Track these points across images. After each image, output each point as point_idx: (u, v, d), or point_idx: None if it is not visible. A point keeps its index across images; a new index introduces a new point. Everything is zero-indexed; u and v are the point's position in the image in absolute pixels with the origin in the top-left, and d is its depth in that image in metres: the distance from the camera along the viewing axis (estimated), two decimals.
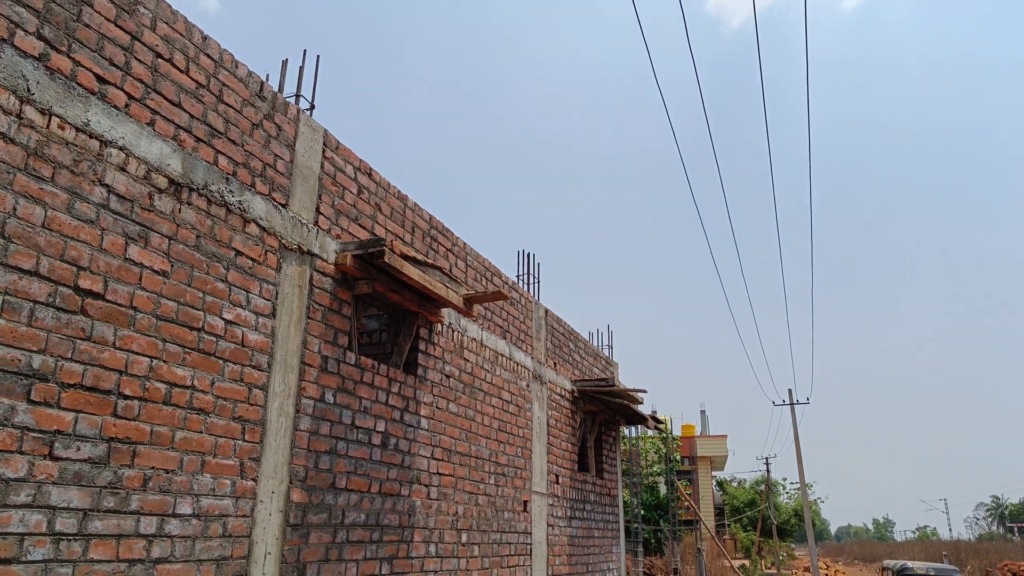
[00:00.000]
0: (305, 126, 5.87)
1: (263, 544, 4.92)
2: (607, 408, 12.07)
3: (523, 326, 9.74)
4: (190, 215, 4.65)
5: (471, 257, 8.43)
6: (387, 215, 6.85)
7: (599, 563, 11.66)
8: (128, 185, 4.25)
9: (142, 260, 4.29)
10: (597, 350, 13.08)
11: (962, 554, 42.56)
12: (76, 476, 3.78)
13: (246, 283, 5.03)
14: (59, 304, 3.79)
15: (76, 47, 4.03)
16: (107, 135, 4.15)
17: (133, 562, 4.02)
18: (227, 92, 5.09)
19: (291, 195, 5.59)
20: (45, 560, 3.59)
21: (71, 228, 3.90)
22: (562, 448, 10.58)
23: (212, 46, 5.00)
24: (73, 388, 3.82)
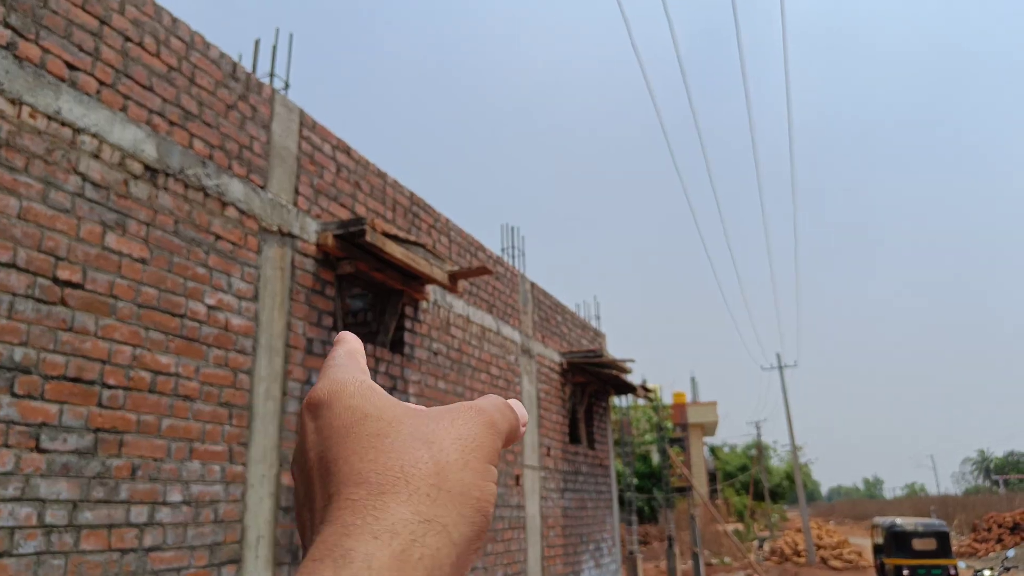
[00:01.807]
0: (280, 106, 5.81)
1: (255, 528, 4.93)
2: (596, 379, 12.12)
3: (509, 300, 9.74)
4: (167, 200, 4.60)
5: (454, 232, 8.40)
6: (367, 193, 6.81)
7: (593, 533, 11.77)
8: (103, 172, 4.20)
9: (120, 248, 4.24)
10: (585, 321, 13.11)
11: (949, 508, 43.24)
12: (64, 468, 3.76)
13: (227, 267, 5.00)
14: (39, 296, 3.76)
15: (44, 34, 3.95)
16: (79, 122, 4.09)
17: (125, 551, 4.03)
18: (200, 74, 5.02)
19: (269, 176, 5.54)
20: (37, 552, 3.58)
21: (47, 218, 3.85)
22: (552, 421, 10.63)
23: (182, 28, 4.93)
24: (56, 380, 3.79)
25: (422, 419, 0.39)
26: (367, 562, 0.32)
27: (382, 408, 0.40)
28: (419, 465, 0.36)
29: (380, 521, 0.33)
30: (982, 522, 31.74)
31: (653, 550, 27.31)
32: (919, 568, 15.97)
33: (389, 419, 0.39)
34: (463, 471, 0.37)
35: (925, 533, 16.19)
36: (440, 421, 0.40)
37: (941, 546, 15.95)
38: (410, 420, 0.39)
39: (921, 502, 53.97)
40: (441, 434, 0.39)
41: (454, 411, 0.41)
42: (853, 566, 26.14)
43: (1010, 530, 29.47)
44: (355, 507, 0.34)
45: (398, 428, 0.38)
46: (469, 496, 0.37)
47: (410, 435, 0.38)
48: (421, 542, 0.33)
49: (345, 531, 0.33)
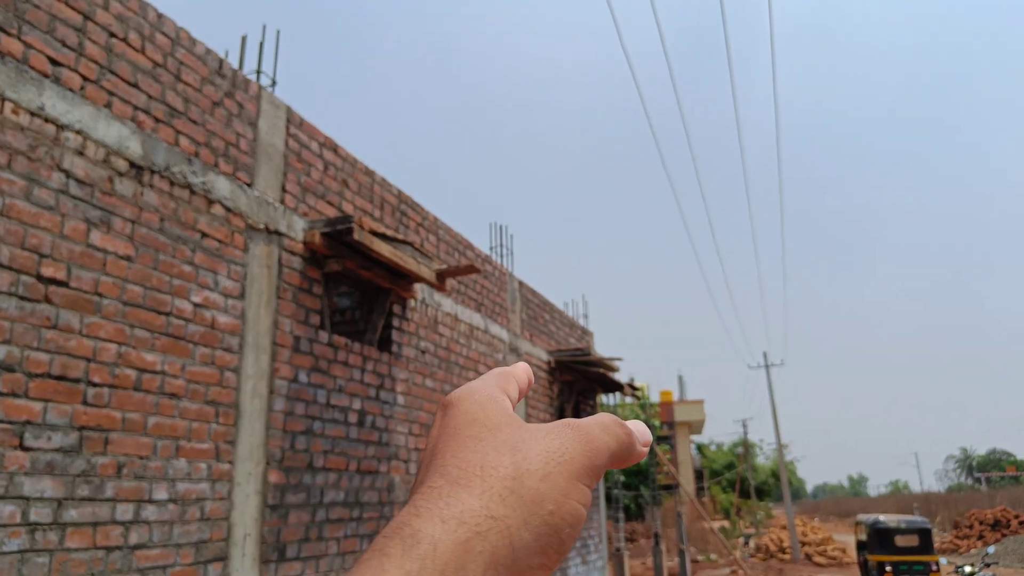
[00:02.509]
0: (267, 103, 5.79)
1: (242, 526, 4.91)
2: (584, 377, 12.15)
3: (497, 299, 9.74)
4: (153, 198, 4.58)
5: (442, 231, 8.40)
6: (355, 191, 6.79)
7: (580, 530, 11.80)
8: (87, 169, 4.17)
9: (105, 245, 4.22)
10: (573, 320, 13.14)
11: (932, 505, 43.59)
12: (48, 466, 3.74)
13: (213, 265, 4.98)
14: (22, 293, 3.73)
15: (27, 29, 3.92)
16: (63, 119, 4.06)
17: (111, 549, 4.01)
18: (185, 71, 4.99)
19: (256, 174, 5.52)
20: (21, 551, 3.56)
21: (31, 215, 3.82)
22: (540, 419, 10.65)
23: (168, 24, 4.90)
24: (41, 377, 3.77)
25: (520, 430, 0.41)
26: (433, 544, 0.34)
27: (490, 415, 0.42)
28: (499, 467, 0.38)
29: (450, 508, 0.36)
30: (964, 519, 32.01)
31: (640, 547, 27.41)
32: (901, 564, 16.09)
33: (492, 425, 0.41)
34: (541, 481, 0.38)
35: (908, 530, 16.32)
36: (536, 433, 0.41)
37: (923, 543, 16.07)
38: (508, 429, 0.41)
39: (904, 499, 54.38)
40: (531, 443, 0.40)
41: (553, 427, 0.42)
42: (837, 563, 26.31)
43: (991, 527, 29.74)
44: (431, 493, 0.37)
45: (495, 434, 0.41)
46: (542, 507, 0.37)
47: (502, 441, 0.40)
48: (484, 536, 0.35)
49: (416, 512, 0.35)
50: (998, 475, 70.14)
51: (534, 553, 0.37)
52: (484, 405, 0.43)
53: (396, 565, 0.32)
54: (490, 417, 0.42)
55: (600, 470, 0.42)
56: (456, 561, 0.33)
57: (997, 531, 29.25)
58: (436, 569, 0.33)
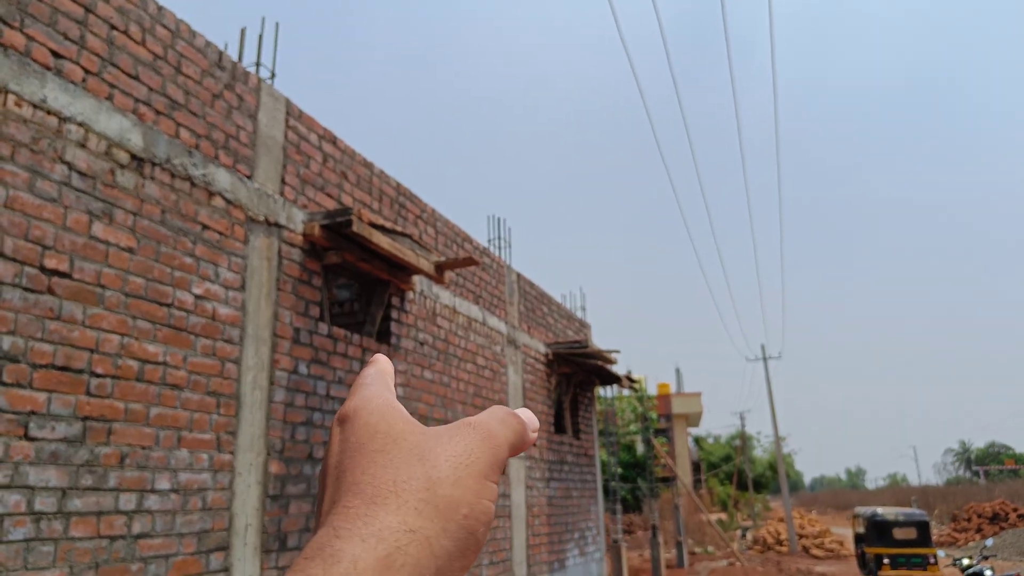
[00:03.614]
0: (267, 95, 5.81)
1: (243, 516, 4.96)
2: (582, 369, 12.19)
3: (495, 291, 9.78)
4: (154, 190, 4.61)
5: (441, 223, 8.43)
6: (354, 183, 6.82)
7: (578, 523, 11.86)
8: (89, 162, 4.20)
9: (107, 237, 4.25)
10: (570, 312, 13.17)
11: (930, 498, 43.69)
12: (53, 456, 3.78)
13: (214, 257, 5.01)
14: (26, 284, 3.76)
15: (29, 22, 3.94)
16: (65, 111, 4.09)
17: (114, 538, 4.05)
18: (185, 63, 5.01)
19: (255, 166, 5.55)
20: (26, 539, 3.60)
21: (34, 207, 3.85)
22: (538, 410, 10.69)
23: (168, 16, 4.92)
24: (45, 368, 3.80)
25: (423, 437, 0.42)
26: (353, 562, 0.34)
27: (392, 424, 0.42)
28: (411, 480, 0.39)
29: (368, 527, 0.36)
30: (962, 512, 32.08)
31: (637, 539, 27.49)
32: (899, 557, 16.15)
33: (395, 436, 0.41)
34: (453, 487, 0.39)
35: (906, 523, 16.37)
36: (439, 439, 0.41)
37: (921, 535, 16.13)
38: (412, 437, 0.41)
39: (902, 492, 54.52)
40: (437, 451, 0.41)
41: (453, 428, 0.43)
42: (834, 555, 26.40)
43: (989, 520, 29.82)
44: (348, 514, 0.37)
45: (400, 444, 0.41)
46: (456, 512, 0.39)
47: (408, 451, 0.40)
48: (404, 550, 0.36)
49: (336, 533, 0.36)
50: (996, 468, 70.31)
51: (454, 558, 0.38)
52: (384, 415, 0.43)
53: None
54: (392, 427, 0.42)
55: (503, 464, 0.43)
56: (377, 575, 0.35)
57: (995, 524, 29.34)
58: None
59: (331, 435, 0.44)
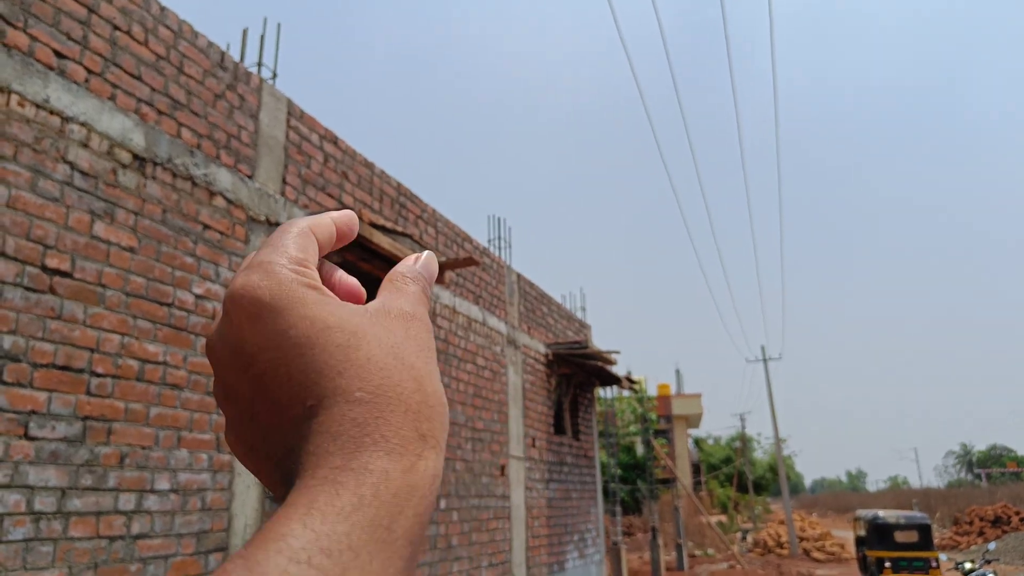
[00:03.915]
0: (268, 95, 5.82)
1: (242, 516, 4.96)
2: (582, 370, 12.19)
3: (496, 291, 9.78)
4: (155, 189, 4.61)
5: (441, 223, 8.43)
6: (354, 183, 6.83)
7: (578, 524, 11.86)
8: (91, 161, 4.20)
9: (109, 237, 4.25)
10: (570, 312, 13.17)
11: (932, 501, 43.64)
12: (53, 455, 3.78)
13: (215, 256, 5.01)
14: (27, 284, 3.77)
15: (32, 22, 3.95)
16: (68, 111, 4.09)
17: (113, 538, 4.05)
18: (188, 63, 5.02)
19: (257, 166, 5.55)
20: (26, 539, 3.60)
21: (36, 207, 3.86)
22: (538, 411, 10.69)
23: (170, 17, 4.93)
24: (45, 368, 3.81)
25: (381, 329, 0.39)
26: (384, 475, 0.34)
27: (343, 318, 0.38)
28: (403, 382, 0.37)
29: (388, 440, 0.35)
30: (964, 515, 32.03)
31: (637, 541, 27.48)
32: (900, 560, 16.13)
33: (352, 330, 0.38)
34: (431, 382, 0.39)
35: (907, 526, 16.35)
36: (396, 331, 0.40)
37: (923, 539, 16.11)
38: (372, 331, 0.39)
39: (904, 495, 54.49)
40: (407, 347, 0.39)
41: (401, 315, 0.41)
42: (835, 558, 26.38)
43: (991, 523, 29.77)
44: (359, 425, 0.35)
45: (366, 340, 0.38)
46: (442, 405, 0.39)
47: (379, 349, 0.38)
48: (423, 456, 0.36)
49: (357, 446, 0.35)
50: (999, 471, 70.26)
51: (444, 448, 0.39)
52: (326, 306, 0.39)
53: (351, 491, 0.33)
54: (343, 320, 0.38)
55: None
56: (407, 485, 0.34)
57: (998, 528, 29.28)
58: (391, 492, 0.34)
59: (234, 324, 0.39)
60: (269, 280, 0.39)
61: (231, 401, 0.40)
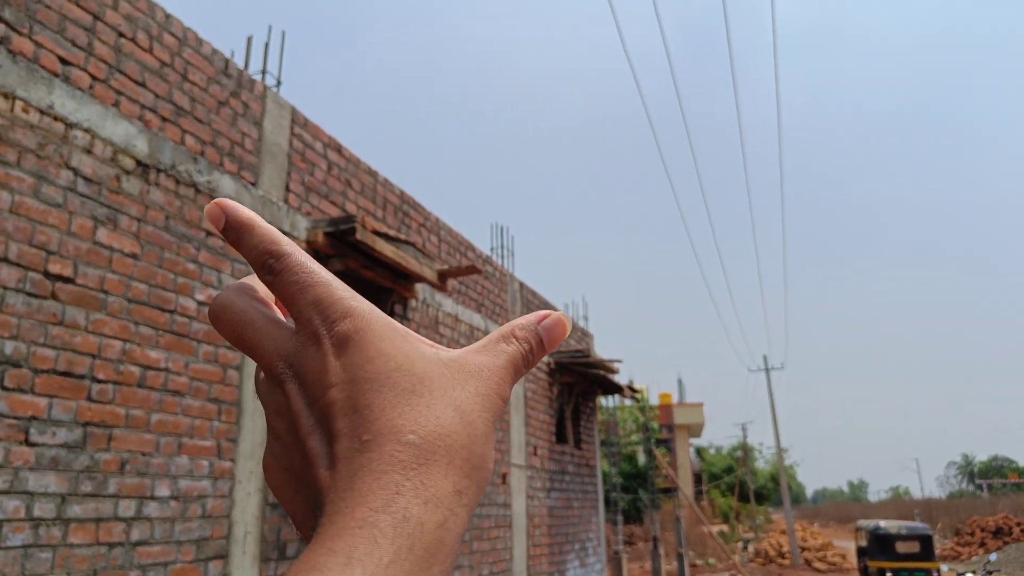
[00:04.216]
0: (272, 103, 5.83)
1: (243, 524, 4.95)
2: (584, 379, 12.17)
3: (498, 299, 9.77)
4: (159, 196, 4.62)
5: (444, 231, 8.43)
6: (358, 191, 6.83)
7: (579, 532, 11.82)
8: (95, 167, 4.21)
9: (111, 243, 4.26)
10: (573, 321, 13.15)
11: (933, 512, 43.50)
12: (53, 461, 3.78)
13: (217, 263, 5.02)
14: (29, 289, 3.77)
15: (38, 29, 3.96)
16: (72, 117, 4.10)
17: (113, 545, 4.04)
18: (192, 70, 5.03)
19: (260, 173, 5.56)
20: (25, 545, 3.59)
21: (39, 212, 3.86)
22: (540, 420, 10.67)
23: (175, 24, 4.94)
24: (47, 373, 3.81)
25: (449, 380, 0.40)
26: (420, 527, 0.34)
27: (413, 360, 0.39)
28: (456, 436, 0.38)
29: (428, 488, 0.36)
30: (965, 526, 31.93)
31: (638, 550, 27.40)
32: (902, 571, 16.08)
33: (420, 376, 0.39)
34: (485, 444, 0.39)
35: (909, 536, 16.31)
36: (467, 386, 0.40)
37: (924, 549, 16.07)
38: (440, 380, 0.39)
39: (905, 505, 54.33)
40: (471, 403, 0.39)
41: (478, 372, 0.41)
42: (837, 568, 26.28)
43: (993, 534, 29.68)
44: (404, 469, 0.36)
45: (431, 388, 0.39)
46: (485, 469, 0.39)
47: (442, 398, 0.39)
48: (456, 514, 0.36)
49: (397, 490, 0.35)
50: (1000, 482, 70.04)
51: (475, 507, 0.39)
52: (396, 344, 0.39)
53: (389, 540, 0.33)
54: (413, 362, 0.39)
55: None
56: (437, 540, 0.35)
57: (999, 538, 29.18)
58: (423, 547, 0.34)
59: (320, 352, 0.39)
60: (354, 317, 0.40)
61: (286, 422, 0.40)
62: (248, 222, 0.42)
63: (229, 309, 0.42)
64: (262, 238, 0.42)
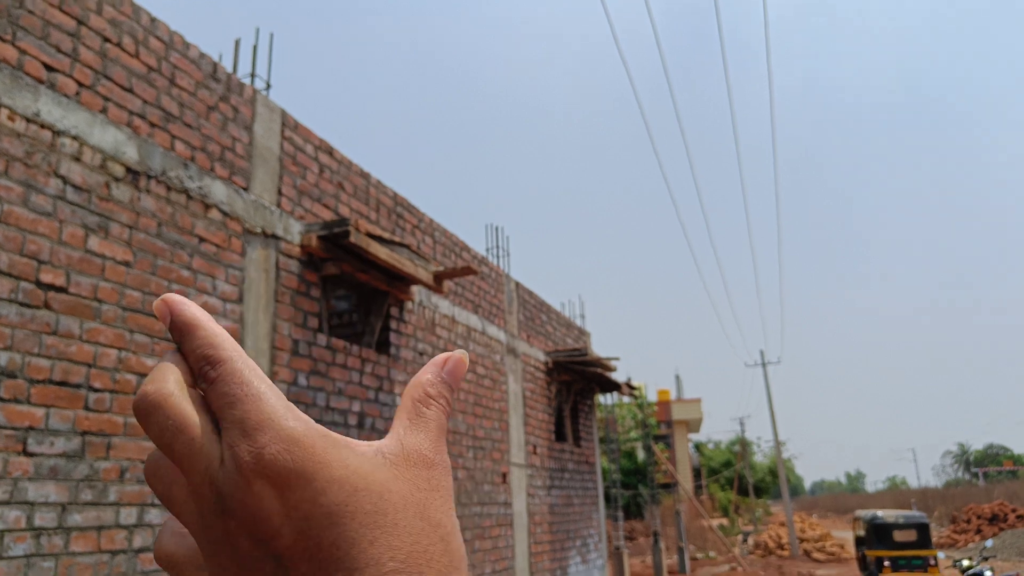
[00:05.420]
0: (262, 106, 5.80)
1: None
2: (582, 377, 12.16)
3: (494, 300, 9.76)
4: (150, 203, 4.58)
5: (439, 233, 8.41)
6: (351, 194, 6.80)
7: (580, 529, 11.81)
8: (84, 175, 4.18)
9: (103, 251, 4.22)
10: (569, 320, 13.15)
11: (930, 501, 43.68)
12: (52, 471, 3.74)
13: (211, 269, 4.98)
14: (22, 299, 3.73)
15: (21, 35, 3.93)
16: (59, 125, 4.06)
17: (115, 552, 4.01)
18: (179, 75, 5.00)
19: (252, 178, 5.53)
20: (27, 555, 3.56)
21: (29, 222, 3.83)
22: (539, 419, 10.66)
23: (161, 28, 4.91)
24: (42, 383, 3.77)
25: (406, 484, 0.37)
26: None
27: (366, 475, 0.36)
28: (432, 547, 0.36)
29: None
30: (962, 514, 32.06)
31: (639, 545, 27.42)
32: (900, 559, 16.15)
33: (379, 491, 0.36)
34: (456, 537, 0.38)
35: (906, 525, 16.37)
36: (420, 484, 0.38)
37: (921, 537, 16.13)
38: (398, 488, 0.36)
39: (902, 495, 54.54)
40: (432, 502, 0.38)
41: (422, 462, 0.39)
42: (835, 558, 26.36)
43: (988, 521, 29.81)
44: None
45: (392, 502, 0.36)
46: (462, 559, 0.38)
47: (406, 512, 0.36)
48: None
49: None
50: (995, 470, 70.38)
51: None
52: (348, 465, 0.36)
53: None
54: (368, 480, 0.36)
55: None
56: None
57: (995, 525, 29.32)
58: None
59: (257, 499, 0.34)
60: (289, 444, 0.35)
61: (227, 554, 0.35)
62: (191, 322, 0.38)
63: (160, 408, 0.37)
64: (201, 341, 0.38)
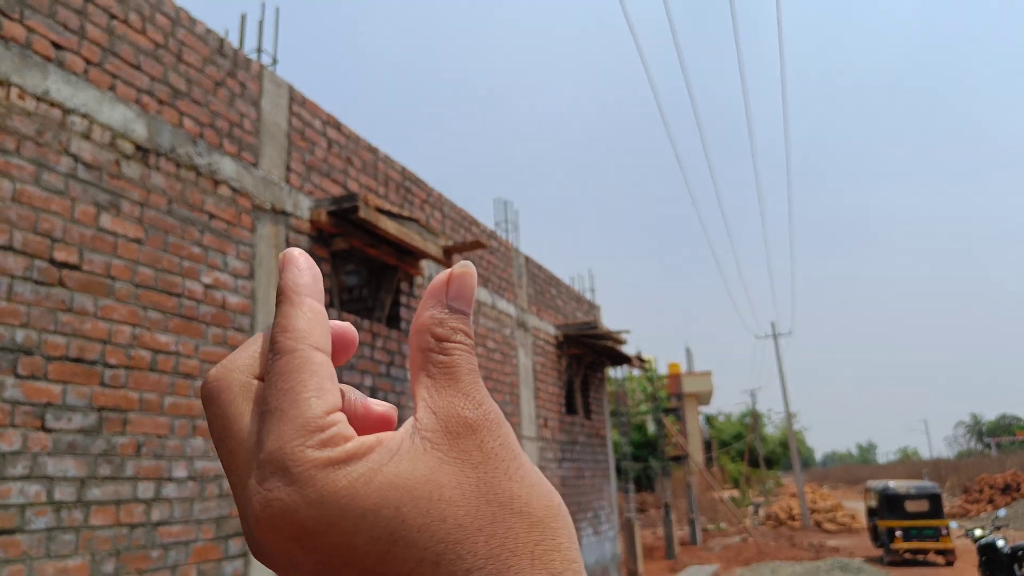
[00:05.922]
0: (269, 82, 5.79)
1: None
2: (592, 351, 12.19)
3: (504, 274, 9.77)
4: (160, 180, 4.60)
5: (447, 207, 8.41)
6: (359, 169, 6.80)
7: (592, 502, 11.90)
8: (94, 153, 4.19)
9: (115, 228, 4.25)
10: (579, 294, 13.16)
11: (942, 471, 43.69)
12: (70, 446, 3.80)
13: (222, 246, 5.01)
14: (37, 277, 3.77)
15: (29, 13, 3.93)
16: (68, 103, 4.07)
17: (134, 526, 4.07)
18: (186, 51, 4.99)
19: (260, 154, 5.53)
20: (48, 528, 3.62)
21: (41, 200, 3.85)
22: (549, 392, 10.71)
23: (167, 4, 4.89)
24: (59, 360, 3.81)
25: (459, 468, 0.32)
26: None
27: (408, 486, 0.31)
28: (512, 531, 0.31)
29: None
30: (974, 484, 32.08)
31: (650, 517, 27.61)
32: (911, 529, 16.21)
33: (427, 496, 0.31)
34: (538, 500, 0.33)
35: (918, 495, 16.43)
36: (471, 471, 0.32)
37: (933, 507, 16.18)
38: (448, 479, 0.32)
39: (914, 466, 54.55)
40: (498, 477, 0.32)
41: (466, 432, 0.33)
42: (846, 528, 26.48)
43: (1001, 491, 29.83)
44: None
45: (447, 500, 0.31)
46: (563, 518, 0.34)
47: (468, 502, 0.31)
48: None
49: None
50: (1008, 440, 70.23)
51: None
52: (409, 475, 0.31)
53: None
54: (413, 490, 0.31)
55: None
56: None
57: (1007, 495, 29.34)
58: None
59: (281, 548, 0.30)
60: (301, 484, 0.30)
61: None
62: (282, 291, 0.36)
63: (215, 402, 0.34)
64: (279, 320, 0.35)
